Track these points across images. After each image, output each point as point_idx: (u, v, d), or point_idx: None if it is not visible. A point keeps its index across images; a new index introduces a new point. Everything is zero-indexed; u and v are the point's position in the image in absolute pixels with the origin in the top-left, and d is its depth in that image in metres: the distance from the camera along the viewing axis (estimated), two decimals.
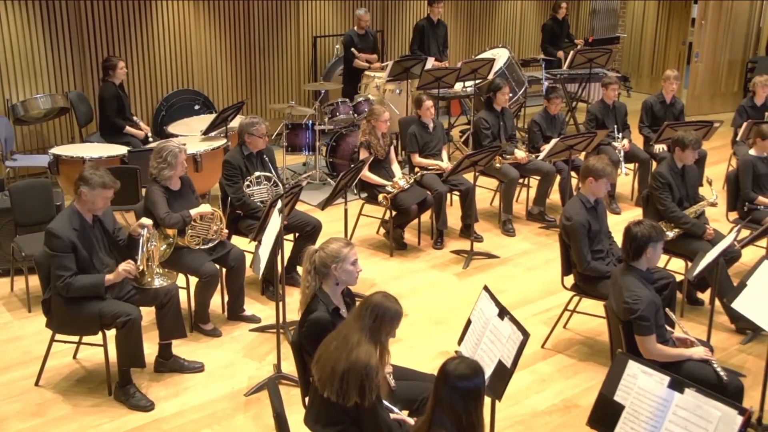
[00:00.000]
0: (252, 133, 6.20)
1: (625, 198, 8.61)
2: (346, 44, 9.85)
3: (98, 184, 4.76)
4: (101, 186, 4.77)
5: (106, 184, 4.79)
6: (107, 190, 4.81)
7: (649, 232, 4.46)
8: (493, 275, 6.76)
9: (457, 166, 6.79)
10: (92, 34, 8.87)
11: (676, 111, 8.51)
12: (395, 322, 3.57)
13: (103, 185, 4.78)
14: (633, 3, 13.71)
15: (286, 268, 5.99)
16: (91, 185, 4.75)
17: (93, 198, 4.78)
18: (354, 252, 3.98)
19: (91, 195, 4.77)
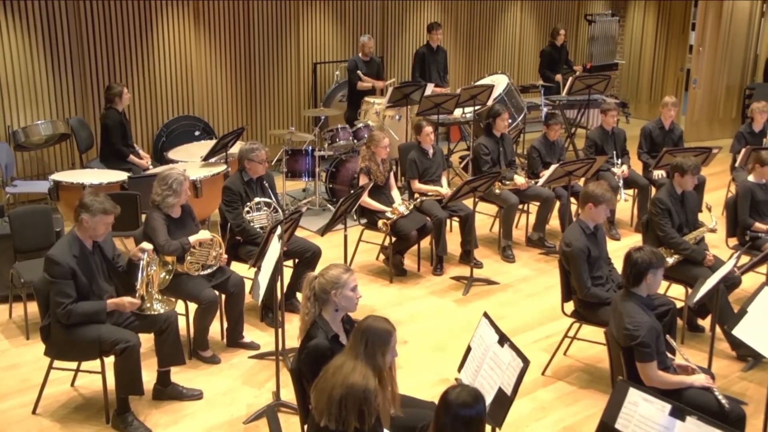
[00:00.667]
0: (252, 159, 6.20)
1: (624, 224, 8.61)
2: (350, 70, 9.91)
3: (99, 211, 4.76)
4: (102, 212, 4.77)
5: (107, 210, 4.79)
6: (108, 216, 4.81)
7: (649, 258, 4.45)
8: (492, 301, 6.74)
9: (457, 192, 6.80)
10: (94, 60, 8.92)
11: (675, 137, 8.54)
12: (388, 343, 3.55)
13: (104, 211, 4.78)
14: (631, 30, 13.80)
15: (286, 295, 5.97)
16: (92, 212, 4.75)
17: (94, 225, 4.78)
18: (353, 278, 3.98)
19: (92, 222, 4.77)
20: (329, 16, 10.63)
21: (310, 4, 10.42)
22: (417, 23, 11.52)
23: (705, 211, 6.69)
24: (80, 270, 4.74)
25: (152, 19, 9.21)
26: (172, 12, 9.34)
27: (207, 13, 9.60)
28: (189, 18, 9.47)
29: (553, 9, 13.16)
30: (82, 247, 4.81)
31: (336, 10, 10.67)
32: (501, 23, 12.54)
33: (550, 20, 13.03)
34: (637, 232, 8.08)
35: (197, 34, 9.59)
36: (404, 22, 11.40)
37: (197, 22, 9.55)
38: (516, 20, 12.73)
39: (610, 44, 13.49)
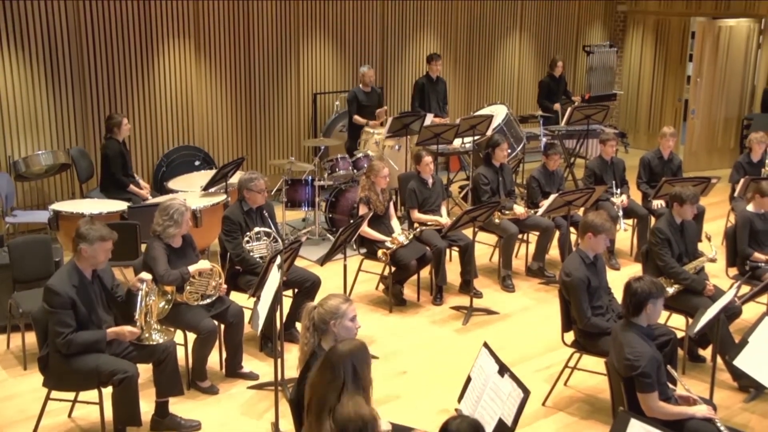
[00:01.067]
0: (251, 189, 6.22)
1: (624, 254, 8.60)
2: (350, 101, 9.95)
3: (96, 238, 4.77)
4: (100, 239, 4.78)
5: (104, 236, 4.80)
6: (106, 242, 4.82)
7: (649, 288, 4.44)
8: (492, 331, 6.72)
9: (456, 222, 6.81)
10: (95, 90, 8.97)
11: (674, 167, 8.57)
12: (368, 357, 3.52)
13: (101, 238, 4.79)
14: (629, 61, 13.89)
15: (285, 324, 5.95)
16: (89, 240, 4.76)
17: (94, 253, 4.79)
18: (353, 308, 3.97)
19: (92, 250, 4.78)
20: (329, 47, 10.71)
21: (310, 35, 10.49)
22: (417, 54, 11.60)
23: (705, 240, 6.69)
24: (80, 300, 4.74)
25: (153, 49, 9.28)
26: (173, 43, 9.41)
27: (208, 44, 9.67)
28: (190, 49, 9.54)
29: (552, 40, 13.26)
30: (82, 277, 4.81)
31: (336, 40, 10.75)
32: (500, 54, 12.63)
33: (549, 51, 13.13)
34: (637, 261, 8.07)
35: (198, 64, 9.65)
36: (404, 52, 11.48)
37: (198, 52, 9.62)
38: (515, 51, 12.82)
39: (609, 75, 13.57)
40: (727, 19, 12.24)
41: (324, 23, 10.58)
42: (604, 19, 13.94)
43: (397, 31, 11.32)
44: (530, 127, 11.28)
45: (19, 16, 8.37)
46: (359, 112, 9.89)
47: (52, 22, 8.57)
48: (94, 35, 8.84)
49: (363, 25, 10.95)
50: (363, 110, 9.91)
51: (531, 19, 12.88)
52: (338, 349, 3.52)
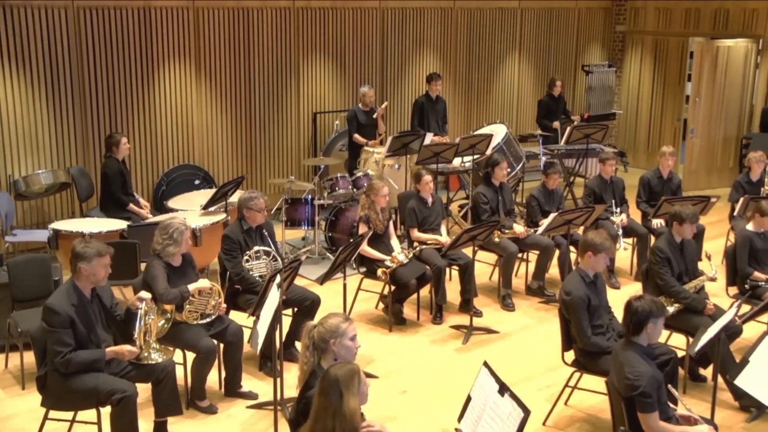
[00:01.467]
0: (251, 208, 6.22)
1: (624, 272, 8.60)
2: (350, 120, 9.97)
3: (94, 255, 4.78)
4: (97, 255, 4.79)
5: (100, 252, 4.81)
6: (104, 258, 4.83)
7: (650, 307, 4.44)
8: (492, 350, 6.70)
9: (456, 241, 6.80)
10: (95, 110, 9.00)
11: (674, 186, 8.58)
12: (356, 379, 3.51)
13: (98, 254, 4.80)
14: (628, 80, 13.95)
15: (285, 344, 5.94)
16: (87, 259, 4.76)
17: (93, 270, 4.79)
18: (353, 327, 3.96)
19: (91, 268, 4.78)
20: (329, 67, 10.75)
21: (310, 54, 10.54)
22: (416, 73, 11.64)
23: (704, 259, 6.69)
24: (79, 319, 4.73)
25: (154, 68, 9.32)
26: (174, 62, 9.45)
27: (208, 63, 9.72)
28: (190, 68, 9.58)
29: (551, 60, 13.32)
30: (81, 296, 4.81)
31: (336, 60, 10.80)
32: (499, 74, 12.68)
33: (548, 71, 13.18)
34: (637, 280, 8.07)
35: (198, 83, 9.69)
36: (404, 72, 11.53)
37: (198, 71, 9.66)
38: (514, 71, 12.88)
39: (608, 94, 13.62)
40: (725, 40, 12.30)
41: (324, 43, 10.63)
42: (603, 39, 14.02)
43: (396, 51, 11.38)
44: (530, 146, 11.30)
45: (20, 34, 8.41)
46: (358, 131, 9.91)
47: (53, 40, 8.61)
48: (94, 54, 8.89)
49: (363, 44, 11.01)
50: (362, 130, 9.93)
51: (530, 39, 12.95)
52: (329, 373, 3.52)
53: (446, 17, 11.80)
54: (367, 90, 10.02)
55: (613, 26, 14.04)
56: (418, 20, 11.50)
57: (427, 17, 11.58)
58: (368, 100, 10.00)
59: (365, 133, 9.95)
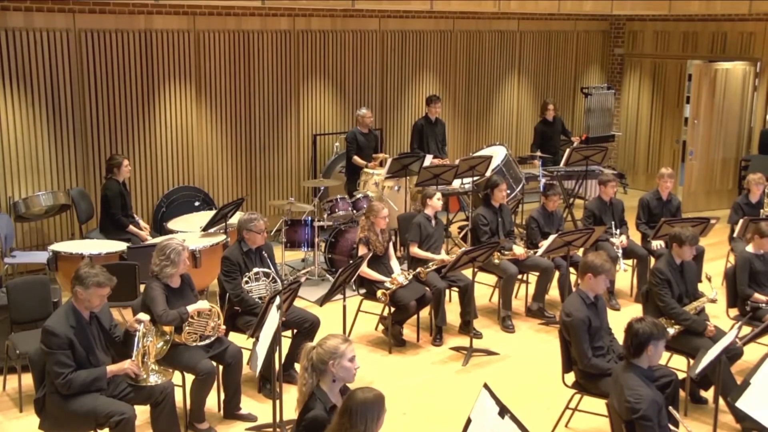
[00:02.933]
0: (250, 229, 6.23)
1: (624, 294, 8.58)
2: (350, 141, 9.98)
3: (93, 284, 4.76)
4: (96, 285, 4.77)
5: (101, 283, 4.79)
6: (102, 289, 4.81)
7: (650, 329, 4.42)
8: (493, 372, 6.68)
9: (456, 262, 6.79)
10: (95, 132, 9.02)
11: (673, 208, 8.58)
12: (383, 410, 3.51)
13: (98, 284, 4.78)
14: (627, 102, 14.00)
15: (284, 365, 5.92)
16: (85, 285, 4.75)
17: (88, 297, 4.78)
18: (352, 348, 3.94)
19: (86, 294, 4.77)
20: (329, 89, 10.79)
21: (310, 77, 10.58)
22: (416, 96, 11.69)
23: (705, 281, 6.68)
24: (78, 341, 4.73)
25: (154, 91, 9.35)
26: (174, 84, 9.48)
27: (208, 86, 9.75)
28: (191, 90, 9.62)
29: (550, 82, 13.38)
30: (80, 318, 4.80)
31: (336, 82, 10.84)
32: (499, 96, 12.73)
33: (547, 93, 13.23)
34: (637, 302, 8.05)
35: (198, 105, 9.72)
36: (403, 94, 11.57)
37: (199, 94, 9.69)
38: (513, 93, 12.93)
39: (607, 116, 13.66)
40: (723, 62, 12.36)
41: (324, 65, 10.68)
42: (602, 61, 14.09)
43: (396, 73, 11.43)
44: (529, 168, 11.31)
45: (22, 58, 8.45)
46: (357, 153, 9.92)
47: (55, 64, 8.65)
48: (96, 77, 8.92)
49: (363, 67, 11.06)
50: (360, 153, 9.95)
51: (529, 62, 13.01)
52: (356, 396, 3.52)
53: (446, 40, 11.87)
54: (365, 112, 10.04)
55: (612, 49, 14.11)
56: (417, 43, 11.56)
57: (426, 40, 11.64)
58: (367, 121, 10.02)
59: (363, 156, 9.96)
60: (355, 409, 3.47)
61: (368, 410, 3.48)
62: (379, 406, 3.52)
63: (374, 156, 10.03)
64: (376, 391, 3.56)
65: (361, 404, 3.48)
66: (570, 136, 11.99)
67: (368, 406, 3.49)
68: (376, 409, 3.50)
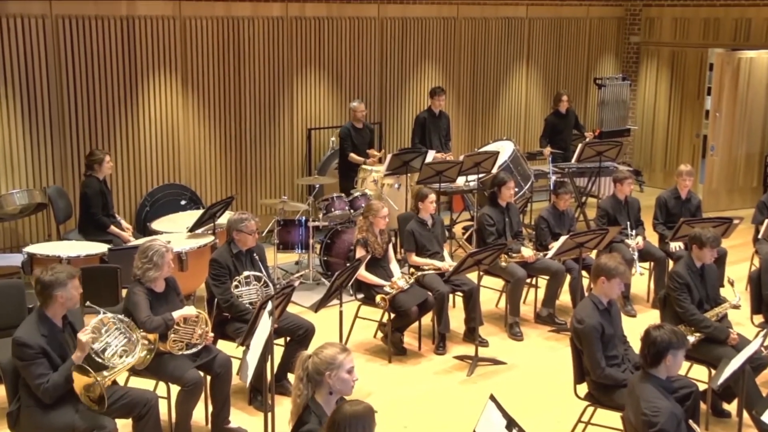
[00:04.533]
0: (241, 230, 6.23)
1: (640, 299, 8.59)
2: (344, 137, 9.98)
3: (68, 277, 4.84)
4: (70, 278, 4.85)
5: (72, 274, 4.88)
6: (76, 279, 4.89)
7: (669, 337, 4.43)
8: (499, 383, 6.68)
9: (460, 266, 6.80)
10: (74, 126, 9.01)
11: (693, 207, 8.59)
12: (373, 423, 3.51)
13: (71, 276, 4.85)
14: (643, 94, 14.01)
15: (276, 376, 5.92)
16: (62, 284, 4.80)
17: (69, 294, 4.85)
18: (350, 359, 3.95)
19: (67, 292, 4.83)
20: (325, 80, 10.79)
21: (304, 66, 10.58)
22: (418, 87, 11.69)
23: (727, 285, 6.68)
24: (51, 349, 4.76)
25: (137, 81, 9.35)
26: (159, 76, 9.48)
27: (195, 77, 9.75)
28: (176, 82, 9.61)
29: (561, 72, 13.38)
30: (52, 326, 4.84)
31: (332, 73, 10.84)
32: (506, 87, 12.74)
33: (558, 84, 13.24)
34: (654, 308, 8.05)
35: (185, 98, 9.72)
36: (404, 86, 11.57)
37: (185, 86, 9.69)
38: (522, 84, 12.93)
39: (622, 109, 13.66)
40: (746, 51, 12.36)
41: (319, 55, 10.68)
42: (616, 50, 14.10)
43: (397, 63, 11.43)
44: (538, 164, 11.32)
45: None
46: (353, 150, 9.90)
47: (30, 52, 8.64)
48: (74, 67, 8.91)
49: (361, 56, 11.06)
50: (355, 149, 9.94)
51: (539, 51, 13.01)
52: (344, 409, 3.52)
53: (449, 27, 11.87)
54: (357, 105, 10.00)
55: (627, 37, 14.12)
56: (419, 31, 11.56)
57: (429, 28, 11.64)
58: (360, 115, 9.99)
59: (360, 151, 9.96)
60: (343, 423, 3.47)
61: (357, 424, 3.47)
62: (369, 419, 3.51)
63: (369, 152, 10.02)
64: (365, 404, 3.56)
65: (349, 417, 3.48)
66: (583, 131, 11.96)
67: (357, 419, 3.48)
68: (366, 422, 3.49)
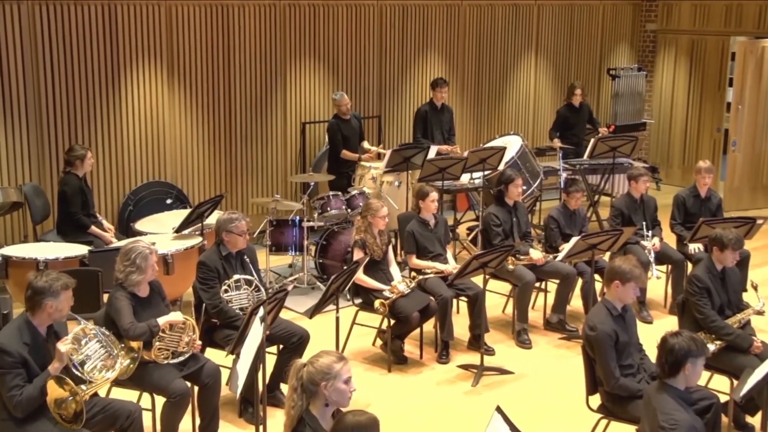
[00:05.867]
0: (231, 231, 6.23)
1: (657, 305, 8.59)
2: (333, 133, 9.94)
3: (62, 288, 4.80)
4: (64, 288, 4.82)
5: (67, 284, 4.84)
6: (70, 291, 4.86)
7: (688, 345, 4.43)
8: (506, 393, 6.69)
9: (464, 269, 6.80)
10: (52, 119, 9.00)
11: (713, 206, 8.59)
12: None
13: (65, 287, 4.83)
14: (660, 86, 14.00)
15: (268, 386, 5.92)
16: (54, 293, 4.77)
17: (60, 306, 4.82)
18: (347, 368, 3.94)
19: (58, 303, 4.81)
20: (320, 71, 10.79)
21: (298, 57, 10.58)
22: (419, 79, 11.69)
23: (750, 290, 6.68)
24: (33, 359, 4.73)
25: (120, 73, 9.34)
26: (143, 66, 9.47)
27: (182, 68, 9.74)
28: (162, 73, 9.61)
29: (572, 63, 13.38)
30: (36, 335, 4.81)
31: (328, 63, 10.84)
32: (513, 78, 12.74)
33: (569, 75, 13.24)
34: (672, 314, 8.06)
35: (171, 90, 9.72)
36: (405, 77, 11.57)
37: (171, 77, 9.69)
38: (530, 75, 12.94)
39: (637, 102, 13.67)
40: None
41: (315, 44, 10.67)
42: (632, 39, 14.10)
43: (397, 53, 11.43)
44: (548, 160, 11.32)
45: None
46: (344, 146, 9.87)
47: (3, 41, 8.64)
48: (51, 57, 8.90)
49: (359, 46, 11.06)
50: (346, 144, 9.91)
51: (548, 40, 13.01)
52: (346, 420, 3.53)
53: (453, 15, 11.88)
54: (338, 98, 9.89)
55: (643, 24, 14.13)
56: (421, 18, 11.57)
57: (431, 15, 11.65)
58: (344, 108, 9.94)
59: (351, 146, 9.93)
60: None
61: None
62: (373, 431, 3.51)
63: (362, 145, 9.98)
64: (369, 414, 3.56)
65: (352, 429, 3.48)
66: (598, 127, 11.90)
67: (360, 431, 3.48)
68: None
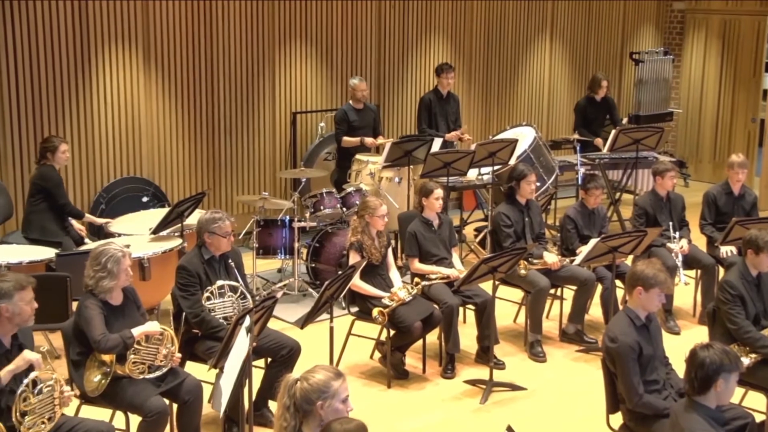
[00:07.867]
0: (214, 232, 6.23)
1: (685, 314, 8.60)
2: (339, 121, 9.95)
3: (15, 289, 4.78)
4: (19, 289, 4.80)
5: (21, 284, 4.83)
6: (26, 291, 4.84)
7: (720, 358, 4.42)
8: (518, 411, 6.70)
9: (472, 274, 6.80)
10: (15, 111, 8.98)
11: (747, 205, 8.59)
12: None
13: (19, 287, 4.80)
14: (689, 71, 14.01)
15: (255, 404, 5.92)
16: (7, 296, 4.75)
17: (18, 309, 4.80)
18: (345, 386, 3.93)
19: (15, 306, 4.79)
20: (312, 57, 10.79)
21: (288, 43, 10.58)
22: (422, 65, 11.69)
23: None
24: None
25: (91, 61, 9.32)
26: (117, 53, 9.45)
27: (160, 55, 9.73)
28: (137, 60, 9.59)
29: (591, 47, 13.38)
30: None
31: (321, 49, 10.84)
32: (526, 64, 12.75)
33: (587, 60, 13.25)
34: (702, 324, 8.06)
35: (147, 79, 9.71)
36: (406, 63, 11.58)
37: (147, 64, 9.67)
38: (545, 59, 12.94)
39: (663, 89, 13.66)
40: None
41: (306, 27, 10.68)
42: (657, 20, 14.11)
43: (397, 36, 11.44)
44: (564, 154, 11.32)
45: None
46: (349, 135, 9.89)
47: None
48: (14, 44, 8.88)
49: (354, 28, 11.06)
50: (354, 134, 9.92)
51: (565, 21, 13.02)
52: (333, 429, 3.53)
53: None
54: (357, 82, 9.98)
55: (670, 3, 14.13)
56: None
57: None
58: (360, 94, 9.97)
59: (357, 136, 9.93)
60: None
61: None
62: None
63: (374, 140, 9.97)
64: (356, 421, 3.57)
65: None
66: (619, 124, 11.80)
67: None
68: None
